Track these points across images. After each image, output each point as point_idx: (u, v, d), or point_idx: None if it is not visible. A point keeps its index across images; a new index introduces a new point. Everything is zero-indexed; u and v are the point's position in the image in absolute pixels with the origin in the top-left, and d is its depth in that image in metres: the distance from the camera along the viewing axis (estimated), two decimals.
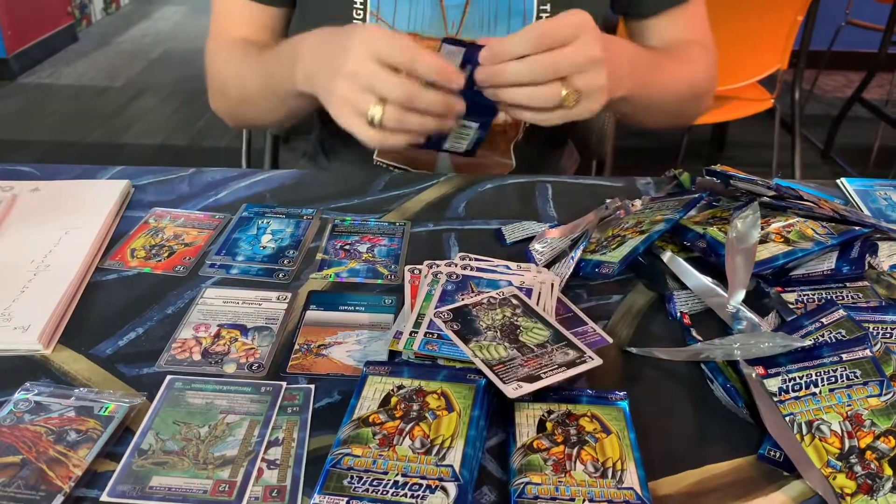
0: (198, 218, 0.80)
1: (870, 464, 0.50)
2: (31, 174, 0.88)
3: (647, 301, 0.69)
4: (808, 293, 0.66)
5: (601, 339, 0.61)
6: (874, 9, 3.02)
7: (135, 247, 0.75)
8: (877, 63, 2.89)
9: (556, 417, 0.54)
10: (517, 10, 0.87)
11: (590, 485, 0.48)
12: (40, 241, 0.73)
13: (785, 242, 0.69)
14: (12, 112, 3.44)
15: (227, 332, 0.63)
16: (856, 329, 0.59)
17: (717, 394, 0.58)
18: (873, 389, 0.54)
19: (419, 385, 0.55)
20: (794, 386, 0.56)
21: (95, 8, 4.78)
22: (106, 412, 0.54)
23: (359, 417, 0.52)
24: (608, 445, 0.51)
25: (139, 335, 0.63)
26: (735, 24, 2.09)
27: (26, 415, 0.53)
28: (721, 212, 0.75)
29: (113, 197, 0.81)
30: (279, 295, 0.68)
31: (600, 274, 0.69)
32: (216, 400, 0.56)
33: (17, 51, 3.81)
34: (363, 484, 0.47)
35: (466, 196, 0.87)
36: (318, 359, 0.61)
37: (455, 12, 0.87)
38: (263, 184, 0.88)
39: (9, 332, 0.61)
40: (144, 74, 3.97)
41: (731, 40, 2.14)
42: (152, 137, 3.23)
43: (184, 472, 0.50)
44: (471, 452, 0.50)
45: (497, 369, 0.54)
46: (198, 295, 0.68)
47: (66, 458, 0.50)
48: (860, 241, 0.69)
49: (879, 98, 3.55)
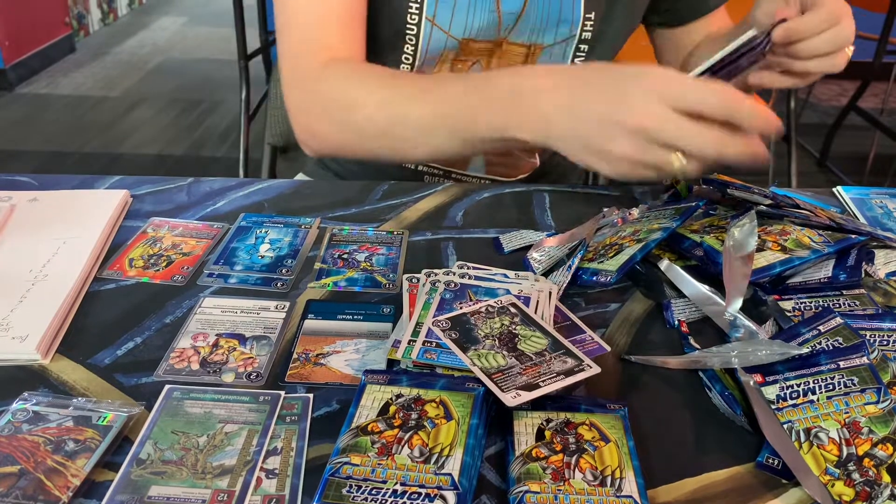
0: (196, 227, 0.80)
1: (868, 471, 0.51)
2: (29, 184, 0.88)
3: (644, 309, 0.69)
4: (805, 301, 0.67)
5: (599, 348, 0.61)
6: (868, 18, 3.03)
7: (133, 256, 0.75)
8: (871, 72, 2.91)
9: (554, 426, 0.54)
10: (566, 19, 0.89)
11: (589, 493, 0.48)
12: (38, 250, 0.73)
13: (782, 251, 0.69)
14: (10, 122, 3.45)
15: (226, 341, 0.63)
16: (853, 337, 0.60)
17: (715, 401, 0.58)
18: (871, 397, 0.54)
19: (418, 394, 0.55)
20: (791, 394, 0.56)
21: (93, 18, 4.79)
22: (104, 422, 0.54)
23: (357, 426, 0.52)
24: (607, 453, 0.51)
25: (137, 345, 0.63)
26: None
27: (24, 424, 0.53)
28: (718, 220, 0.75)
29: (111, 207, 0.81)
30: (277, 304, 0.68)
31: (598, 283, 0.69)
32: (214, 409, 0.56)
33: (15, 61, 3.82)
34: (362, 493, 0.47)
35: (464, 205, 0.87)
36: (317, 368, 0.61)
37: (510, 18, 0.88)
38: (261, 193, 0.88)
39: (7, 342, 0.61)
40: (142, 85, 3.98)
41: None
42: (150, 147, 3.24)
43: (182, 481, 0.49)
44: (470, 461, 0.50)
45: (495, 378, 0.54)
46: (196, 304, 0.68)
47: (65, 468, 0.50)
48: (857, 250, 0.70)
49: (874, 107, 3.57)
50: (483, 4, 0.86)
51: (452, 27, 0.88)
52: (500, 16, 0.87)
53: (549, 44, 0.91)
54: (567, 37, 0.90)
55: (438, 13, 0.86)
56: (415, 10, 0.86)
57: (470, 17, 0.87)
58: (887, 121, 3.07)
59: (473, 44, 0.90)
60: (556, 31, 0.90)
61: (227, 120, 3.40)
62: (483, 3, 0.86)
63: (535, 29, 0.89)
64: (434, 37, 0.89)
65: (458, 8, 0.86)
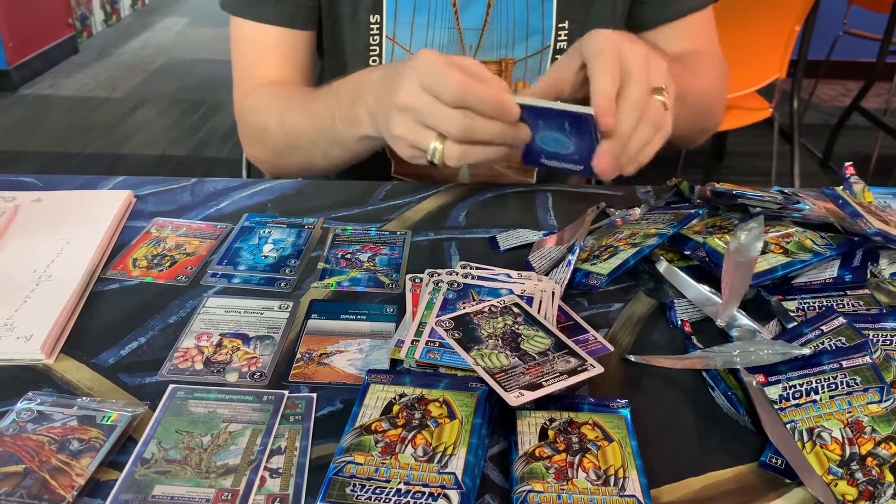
0: (199, 228, 0.80)
1: (871, 470, 0.51)
2: (33, 185, 0.88)
3: (647, 309, 0.69)
4: (808, 301, 0.67)
5: (602, 347, 0.62)
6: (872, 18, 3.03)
7: (137, 256, 0.75)
8: (875, 72, 2.91)
9: (557, 425, 0.54)
10: (536, 30, 0.88)
11: (592, 493, 0.48)
12: (43, 250, 0.74)
13: (784, 253, 0.69)
14: (13, 123, 3.46)
15: (230, 341, 0.63)
16: (855, 336, 0.60)
17: (718, 401, 0.58)
18: (874, 396, 0.54)
19: (421, 393, 0.55)
20: (794, 393, 0.56)
21: (96, 20, 4.81)
22: (108, 421, 0.54)
23: (361, 426, 0.52)
24: (610, 453, 0.52)
25: (141, 344, 0.63)
26: (733, 33, 2.10)
27: (29, 424, 0.54)
28: (721, 221, 0.75)
29: (115, 207, 0.81)
30: (281, 304, 0.68)
31: (588, 285, 0.69)
32: (218, 409, 0.56)
33: (18, 62, 3.83)
34: (366, 492, 0.47)
35: (467, 205, 0.87)
36: (320, 367, 0.61)
37: (472, 35, 0.87)
38: (265, 193, 0.89)
39: (11, 342, 0.61)
40: (145, 85, 3.99)
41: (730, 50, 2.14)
42: (153, 148, 3.24)
43: (186, 481, 0.50)
44: (473, 460, 0.50)
45: (499, 377, 0.54)
46: (200, 304, 0.68)
47: (69, 468, 0.50)
48: (861, 250, 0.70)
49: (878, 107, 3.57)
50: (442, 22, 0.85)
51: (413, 45, 0.88)
52: (461, 32, 0.86)
53: (522, 57, 0.90)
54: (540, 49, 0.89)
55: (398, 32, 0.87)
56: (375, 29, 0.87)
57: (430, 35, 0.87)
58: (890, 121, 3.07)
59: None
60: (527, 43, 0.88)
61: (230, 120, 3.40)
62: (442, 20, 0.85)
63: (503, 44, 0.88)
64: (397, 54, 0.90)
65: (416, 26, 0.86)
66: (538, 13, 0.86)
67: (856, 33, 3.25)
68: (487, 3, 0.85)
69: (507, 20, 0.86)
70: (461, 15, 0.85)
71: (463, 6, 0.85)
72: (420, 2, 0.84)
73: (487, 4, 0.85)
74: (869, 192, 0.81)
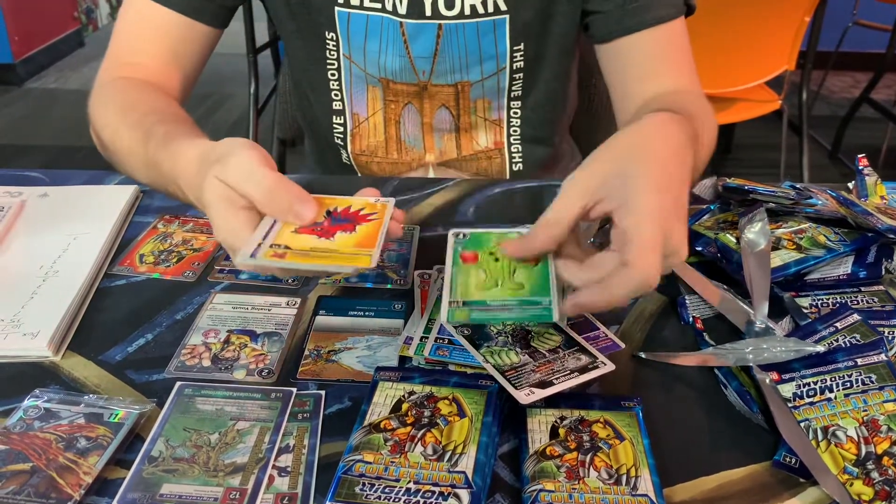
0: (206, 223, 0.80)
1: (887, 470, 0.50)
2: (39, 179, 0.88)
3: (658, 306, 0.69)
4: (822, 298, 0.66)
5: (613, 344, 0.61)
6: (881, 9, 3.00)
7: (143, 252, 0.75)
8: (884, 63, 2.88)
9: (568, 423, 0.53)
10: (489, 55, 0.86)
11: (604, 492, 0.48)
12: (49, 246, 0.73)
13: (797, 250, 0.68)
14: (19, 117, 3.46)
15: (237, 337, 0.63)
16: (870, 333, 0.59)
17: (730, 399, 0.58)
18: (889, 394, 0.54)
19: (430, 391, 0.55)
20: (808, 391, 0.55)
21: (102, 13, 4.80)
22: (116, 419, 0.54)
23: (370, 424, 0.52)
24: (622, 452, 0.51)
25: (148, 341, 0.63)
26: (742, 25, 2.09)
27: (36, 422, 0.53)
28: (732, 216, 0.75)
29: (121, 202, 0.81)
30: (288, 300, 0.68)
31: None
32: (226, 406, 0.55)
33: (24, 56, 3.83)
34: (375, 491, 0.47)
35: (475, 201, 0.86)
36: (329, 364, 0.60)
37: (424, 62, 0.86)
38: None
39: (18, 339, 0.61)
40: None
41: (738, 42, 2.13)
42: None
43: (194, 479, 0.49)
44: (483, 459, 0.49)
45: (509, 375, 0.54)
46: (207, 300, 0.68)
47: (76, 466, 0.50)
48: (876, 246, 0.69)
49: (887, 98, 3.54)
50: (394, 49, 0.85)
51: (367, 66, 0.88)
52: (412, 60, 0.86)
53: (478, 80, 0.89)
54: (495, 71, 0.88)
55: (353, 54, 0.87)
56: (332, 46, 0.87)
57: (382, 59, 0.86)
58: None
59: (396, 85, 0.89)
60: (481, 67, 0.87)
61: (235, 114, 3.40)
62: (394, 48, 0.85)
63: (456, 69, 0.87)
64: (354, 73, 0.89)
65: (368, 50, 0.86)
66: (490, 38, 0.84)
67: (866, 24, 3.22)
68: (437, 34, 0.83)
69: (459, 48, 0.85)
70: (411, 44, 0.84)
71: (412, 35, 0.84)
72: (371, 28, 0.84)
73: (437, 35, 0.84)
74: (882, 185, 0.80)
